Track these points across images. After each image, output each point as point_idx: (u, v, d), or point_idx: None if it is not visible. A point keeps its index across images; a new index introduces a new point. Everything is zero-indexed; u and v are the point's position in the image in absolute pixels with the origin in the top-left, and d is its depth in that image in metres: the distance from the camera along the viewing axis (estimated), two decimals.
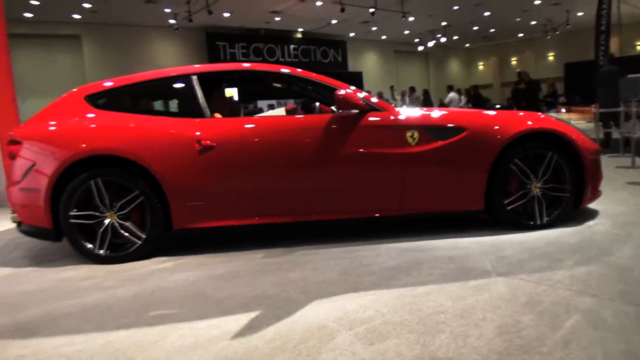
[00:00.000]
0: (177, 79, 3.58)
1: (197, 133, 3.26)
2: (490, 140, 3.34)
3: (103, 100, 3.51)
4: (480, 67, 29.63)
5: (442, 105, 15.79)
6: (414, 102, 15.39)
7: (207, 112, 3.38)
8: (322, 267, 2.88)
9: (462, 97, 16.26)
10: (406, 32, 23.30)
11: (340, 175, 3.34)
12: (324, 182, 3.34)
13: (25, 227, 3.41)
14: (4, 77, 6.15)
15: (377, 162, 3.33)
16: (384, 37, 24.35)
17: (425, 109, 3.76)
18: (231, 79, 4.23)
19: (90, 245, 3.25)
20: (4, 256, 3.73)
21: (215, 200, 3.27)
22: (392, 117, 3.38)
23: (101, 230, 3.24)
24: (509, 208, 3.42)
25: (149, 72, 3.66)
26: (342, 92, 3.29)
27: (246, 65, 3.71)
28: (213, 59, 19.24)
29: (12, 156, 3.38)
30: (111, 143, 3.23)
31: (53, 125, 3.37)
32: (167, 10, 16.43)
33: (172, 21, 17.40)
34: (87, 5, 15.03)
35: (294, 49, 21.92)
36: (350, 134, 3.32)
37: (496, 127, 3.38)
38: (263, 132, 3.33)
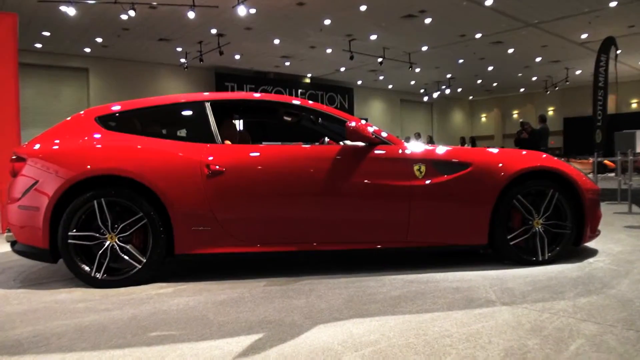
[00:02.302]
0: (191, 104, 3.63)
1: (209, 158, 3.27)
2: (494, 176, 3.40)
3: (113, 122, 3.51)
4: (483, 119, 30.14)
5: None
6: None
7: (219, 138, 3.42)
8: (326, 295, 2.86)
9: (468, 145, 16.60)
10: (412, 82, 23.88)
11: (347, 206, 3.37)
12: (331, 212, 3.36)
13: (20, 247, 3.30)
14: (11, 102, 6.26)
15: (384, 193, 3.36)
16: (390, 86, 24.93)
17: (431, 145, 3.84)
18: (242, 108, 4.30)
19: (87, 268, 3.17)
20: None
21: (220, 226, 3.25)
22: (400, 151, 3.44)
23: (100, 252, 3.18)
24: (512, 243, 3.45)
25: (162, 96, 3.72)
26: (353, 123, 3.37)
27: (257, 95, 3.81)
28: None
29: (14, 173, 3.32)
30: (117, 163, 3.21)
31: (59, 144, 3.34)
32: (179, 49, 16.84)
33: (182, 60, 17.81)
34: (98, 40, 15.37)
35: (302, 93, 22.41)
36: (358, 166, 3.37)
37: (500, 165, 3.44)
38: (273, 160, 3.37)
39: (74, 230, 3.16)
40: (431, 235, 3.43)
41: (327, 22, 14.19)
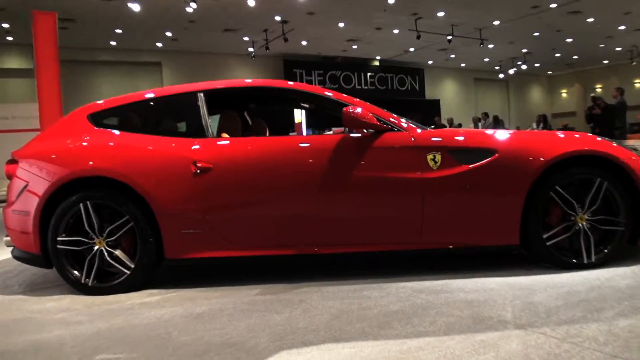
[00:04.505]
0: (182, 96, 3.33)
1: (197, 154, 2.98)
2: (526, 164, 2.81)
3: (105, 120, 3.32)
4: (564, 95, 27.96)
5: None
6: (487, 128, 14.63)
7: (209, 131, 3.12)
8: (314, 309, 2.48)
9: (538, 124, 15.36)
10: (486, 59, 22.50)
11: (351, 203, 2.94)
12: (333, 211, 2.95)
13: (17, 252, 3.20)
14: (54, 97, 6.37)
15: (392, 188, 2.89)
16: (463, 64, 23.63)
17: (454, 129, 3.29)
18: (237, 96, 3.91)
19: (77, 274, 3.01)
20: (1, 282, 3.54)
21: (210, 228, 2.95)
22: (412, 138, 2.94)
23: (89, 257, 3.00)
24: (549, 243, 2.84)
25: (154, 89, 3.48)
26: (351, 109, 2.91)
27: (248, 81, 3.44)
28: None
29: (9, 176, 3.23)
30: (99, 163, 3.01)
31: (48, 145, 3.21)
32: (245, 39, 16.84)
33: (250, 49, 17.82)
34: (168, 34, 15.73)
35: (371, 77, 21.74)
36: (363, 156, 2.92)
37: (533, 150, 2.84)
38: (265, 154, 3.01)
39: (63, 235, 3.00)
40: (450, 235, 2.91)
41: (391, 1, 13.46)
